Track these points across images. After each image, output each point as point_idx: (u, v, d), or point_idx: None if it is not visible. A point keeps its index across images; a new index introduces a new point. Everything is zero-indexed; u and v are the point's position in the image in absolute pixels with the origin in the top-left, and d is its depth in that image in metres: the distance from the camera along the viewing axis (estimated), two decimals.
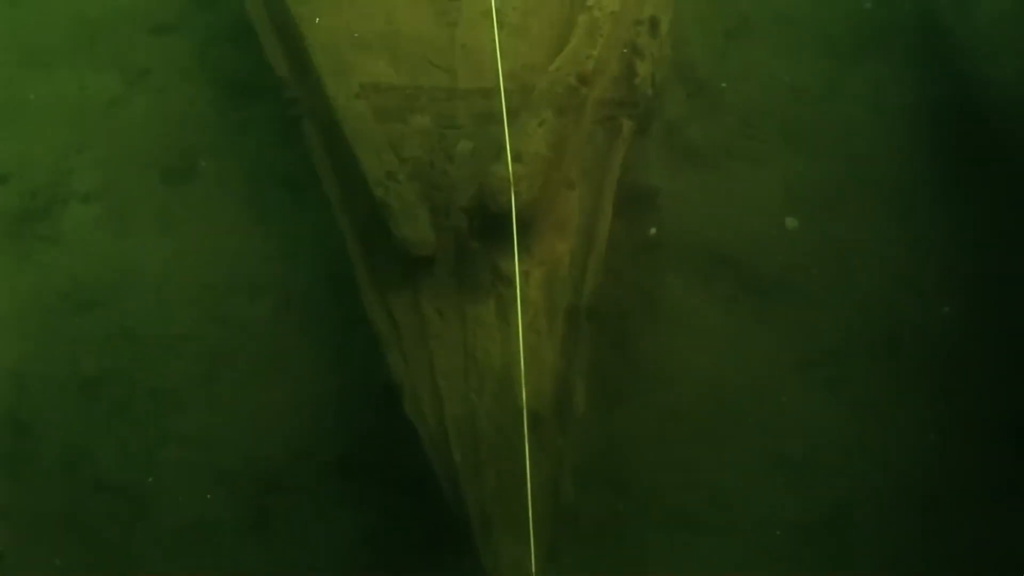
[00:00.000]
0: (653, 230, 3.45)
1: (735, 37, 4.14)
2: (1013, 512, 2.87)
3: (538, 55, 3.20)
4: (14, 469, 2.97)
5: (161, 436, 2.99)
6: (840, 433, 3.06)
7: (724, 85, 3.93)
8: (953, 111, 3.68)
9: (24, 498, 2.92)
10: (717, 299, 3.35)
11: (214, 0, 3.88)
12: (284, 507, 2.86)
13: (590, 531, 2.86)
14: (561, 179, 2.71)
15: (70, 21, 3.92)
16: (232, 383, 3.05)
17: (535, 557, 2.22)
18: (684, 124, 3.71)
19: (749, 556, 2.86)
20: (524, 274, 2.52)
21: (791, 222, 3.51)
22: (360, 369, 2.88)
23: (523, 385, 2.36)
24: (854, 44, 4.08)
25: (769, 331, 3.28)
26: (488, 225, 2.54)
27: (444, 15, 3.39)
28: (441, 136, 2.78)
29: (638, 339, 3.24)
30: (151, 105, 3.68)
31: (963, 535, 2.86)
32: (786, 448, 3.04)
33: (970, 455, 3.00)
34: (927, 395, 3.10)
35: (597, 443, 2.95)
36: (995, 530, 2.86)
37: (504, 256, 2.52)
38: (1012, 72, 3.75)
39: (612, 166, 2.83)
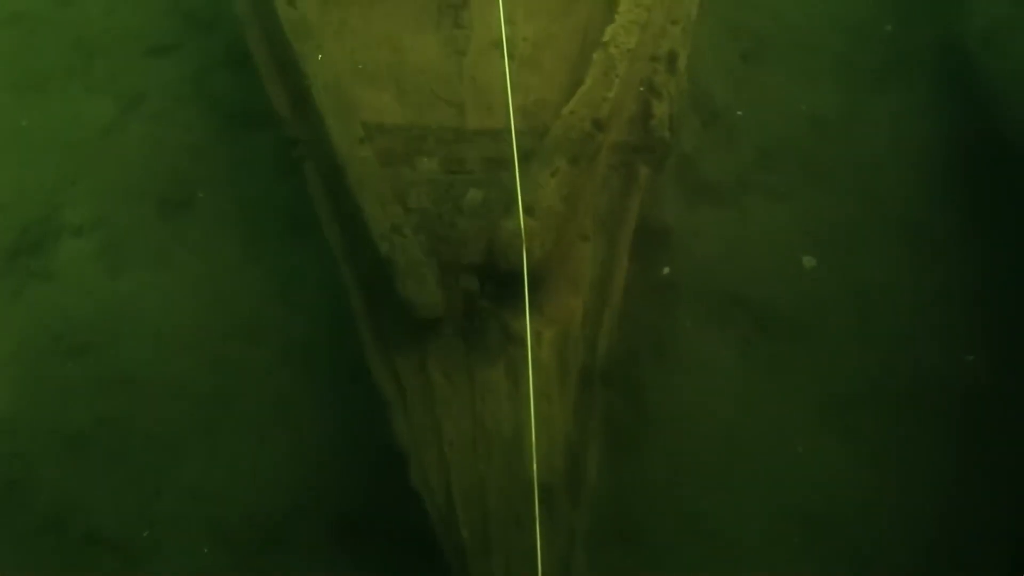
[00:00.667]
0: (666, 270, 3.34)
1: (751, 60, 4.02)
2: None
3: (550, 90, 3.07)
4: (3, 521, 2.86)
5: (157, 487, 2.88)
6: (859, 486, 2.94)
7: (740, 113, 3.81)
8: (979, 149, 3.55)
9: (14, 552, 2.82)
10: (731, 342, 3.25)
11: (212, 22, 3.76)
12: (282, 565, 2.76)
13: None
14: (575, 231, 2.58)
15: (63, 42, 3.82)
16: (231, 433, 2.94)
17: None
18: (699, 157, 3.59)
19: None
20: (535, 334, 2.40)
21: (808, 261, 3.40)
22: (364, 424, 2.74)
23: (534, 456, 2.25)
24: (874, 70, 3.96)
25: (785, 377, 3.17)
26: (498, 283, 2.42)
27: (452, 43, 3.27)
28: (449, 183, 2.65)
29: (649, 385, 3.13)
30: (146, 133, 3.56)
31: None
32: (803, 502, 2.92)
33: (996, 513, 2.89)
34: (951, 448, 2.98)
35: (609, 496, 2.85)
36: None
37: (515, 316, 2.40)
38: None
39: (628, 216, 2.70)
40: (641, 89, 2.93)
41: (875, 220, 3.47)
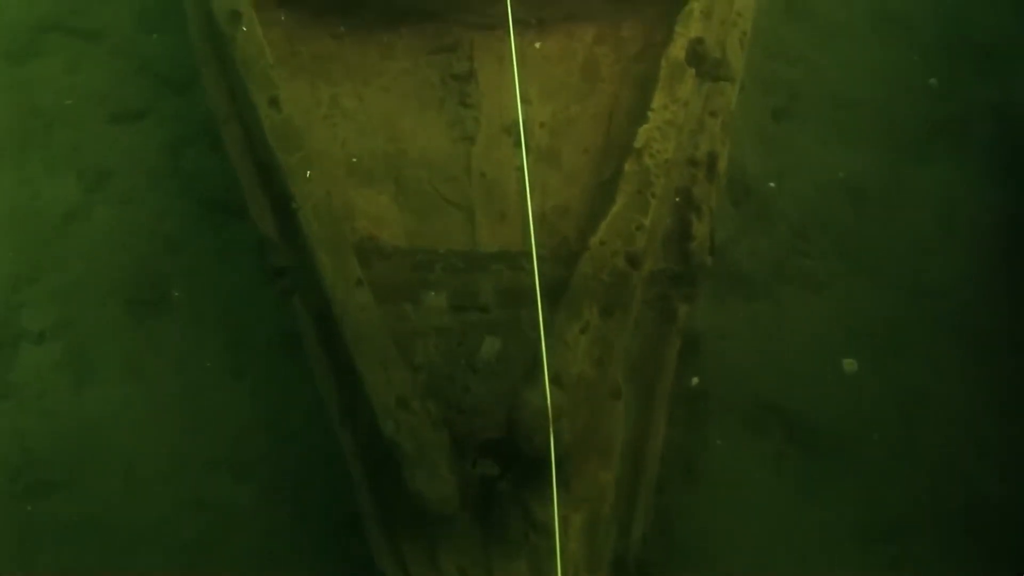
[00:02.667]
0: (695, 380, 3.03)
1: (783, 117, 3.68)
2: None
3: (572, 192, 2.72)
4: None
5: None
6: None
7: (773, 185, 3.48)
8: None
9: None
10: (765, 458, 2.97)
11: (186, 84, 3.34)
12: None
13: None
14: (605, 389, 2.25)
15: (18, 108, 3.40)
16: None
17: None
18: (731, 243, 3.26)
19: None
20: (562, 519, 2.09)
21: (849, 365, 3.11)
22: None
23: None
24: (918, 132, 3.62)
25: (823, 498, 2.90)
26: (521, 467, 2.10)
27: (458, 126, 2.91)
28: (461, 332, 2.30)
29: (677, 513, 2.84)
30: (114, 218, 3.18)
31: None
32: None
33: None
34: None
35: None
36: None
37: (538, 499, 2.09)
38: None
39: (665, 365, 2.36)
40: (677, 200, 2.57)
41: (923, 316, 3.16)
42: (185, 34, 3.05)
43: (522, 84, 2.77)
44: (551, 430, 2.05)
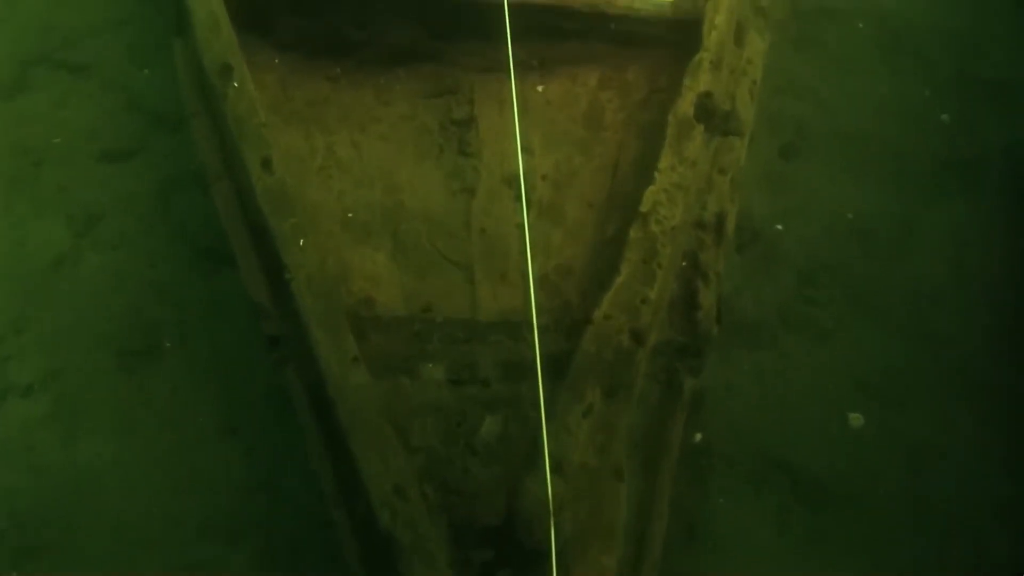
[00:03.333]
0: (698, 436, 2.96)
1: (791, 156, 3.60)
2: None
3: (575, 251, 2.65)
4: None
5: None
6: None
7: (780, 227, 3.39)
8: None
9: None
10: (768, 515, 2.90)
11: (179, 122, 3.21)
12: None
13: None
14: (608, 470, 2.18)
15: (6, 146, 3.28)
16: None
17: None
18: (736, 291, 3.17)
19: None
20: None
21: (856, 419, 3.04)
22: None
23: None
24: (929, 171, 3.55)
25: (828, 555, 2.83)
26: (520, 554, 2.03)
27: (458, 177, 2.84)
28: (460, 411, 2.22)
29: (677, 572, 2.77)
30: (104, 264, 3.07)
31: None
32: None
33: None
34: None
35: None
36: None
37: None
38: None
39: (670, 444, 2.28)
40: (684, 264, 2.49)
41: (932, 368, 3.10)
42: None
43: (524, 132, 2.70)
44: (552, 522, 1.99)
